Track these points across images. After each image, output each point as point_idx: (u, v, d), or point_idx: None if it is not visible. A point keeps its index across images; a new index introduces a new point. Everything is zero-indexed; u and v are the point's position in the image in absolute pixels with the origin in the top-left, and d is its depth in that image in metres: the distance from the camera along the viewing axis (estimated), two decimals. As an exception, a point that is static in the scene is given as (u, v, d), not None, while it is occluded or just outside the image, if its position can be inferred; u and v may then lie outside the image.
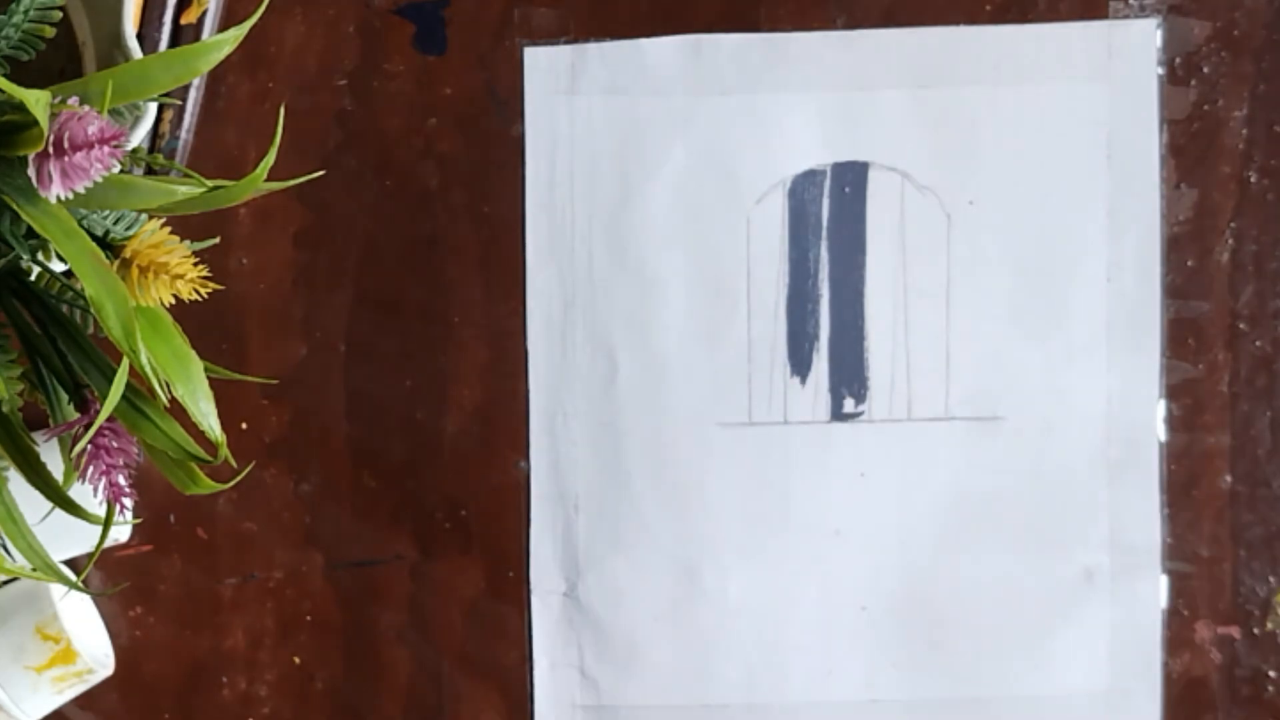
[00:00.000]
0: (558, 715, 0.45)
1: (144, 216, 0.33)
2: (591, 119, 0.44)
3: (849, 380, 0.44)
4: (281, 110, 0.44)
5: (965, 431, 0.44)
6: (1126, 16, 0.43)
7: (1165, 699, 0.44)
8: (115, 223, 0.33)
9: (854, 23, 0.44)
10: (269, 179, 0.29)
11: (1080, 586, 0.44)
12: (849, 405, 0.44)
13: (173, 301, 0.29)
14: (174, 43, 0.44)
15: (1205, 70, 0.43)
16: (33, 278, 0.33)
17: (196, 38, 0.44)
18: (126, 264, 0.28)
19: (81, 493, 0.31)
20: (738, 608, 0.44)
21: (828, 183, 0.44)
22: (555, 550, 0.45)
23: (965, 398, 0.44)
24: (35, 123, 0.26)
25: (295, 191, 0.45)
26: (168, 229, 0.29)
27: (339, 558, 0.46)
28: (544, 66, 0.44)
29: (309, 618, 0.46)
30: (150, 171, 0.43)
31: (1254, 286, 0.43)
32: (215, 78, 0.45)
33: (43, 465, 0.32)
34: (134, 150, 0.38)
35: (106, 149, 0.26)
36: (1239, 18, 0.43)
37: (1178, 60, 0.43)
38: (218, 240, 0.39)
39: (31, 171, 0.26)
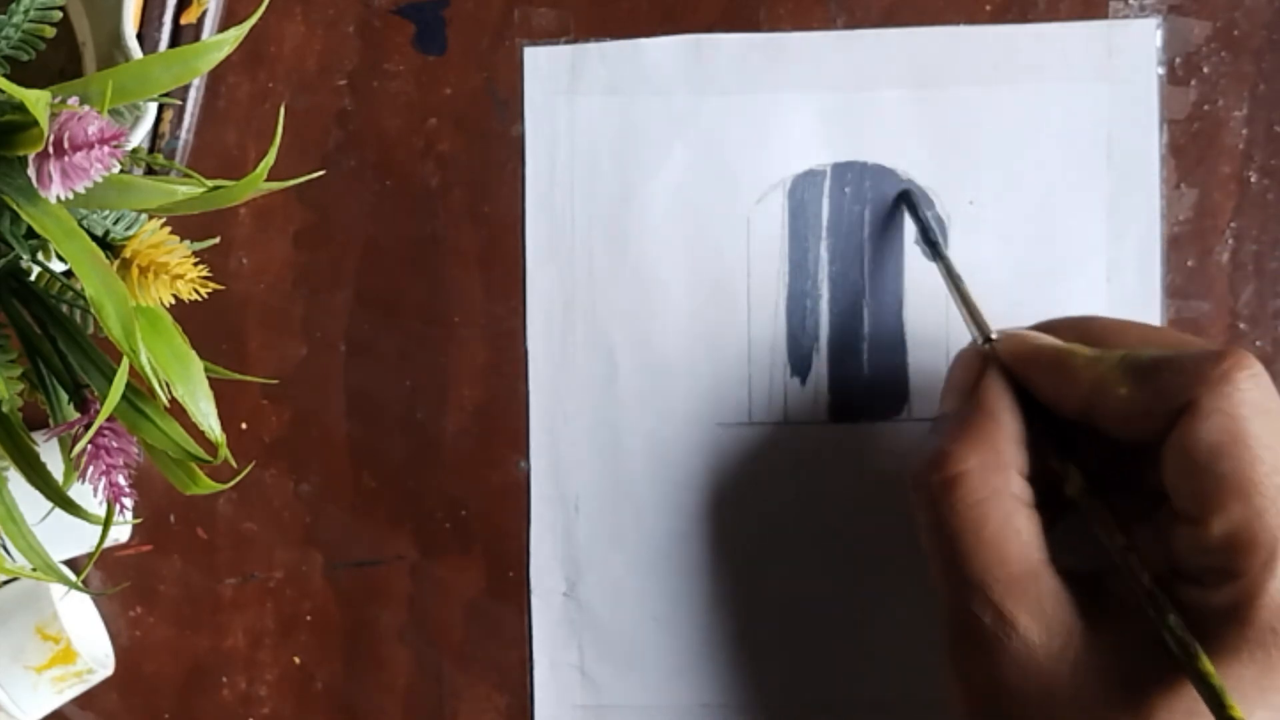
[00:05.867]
0: (558, 715, 0.45)
1: (144, 216, 0.33)
2: (591, 119, 0.44)
3: (849, 380, 0.44)
4: (281, 110, 0.44)
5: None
6: (1126, 16, 0.43)
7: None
8: (115, 223, 0.33)
9: (854, 23, 0.44)
10: (269, 179, 0.29)
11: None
12: (849, 405, 0.44)
13: (173, 301, 0.29)
14: (174, 43, 0.44)
15: (1205, 70, 0.43)
16: (33, 278, 0.33)
17: (196, 38, 0.44)
18: (126, 264, 0.28)
19: (81, 493, 0.31)
20: (738, 608, 0.44)
21: (828, 183, 0.44)
22: (555, 550, 0.45)
23: (965, 398, 0.43)
24: (35, 123, 0.26)
25: (295, 191, 0.45)
26: (168, 229, 0.29)
27: (339, 558, 0.46)
28: (544, 66, 0.44)
29: (309, 618, 0.46)
30: (150, 171, 0.43)
31: (1254, 286, 0.43)
32: (215, 78, 0.45)
33: (43, 465, 0.32)
34: (134, 150, 0.38)
35: (106, 149, 0.26)
36: (1239, 18, 0.43)
37: (1178, 60, 0.43)
38: (218, 240, 0.39)
39: (31, 171, 0.26)
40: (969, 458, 0.35)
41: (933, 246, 0.42)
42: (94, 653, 0.45)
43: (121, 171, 0.28)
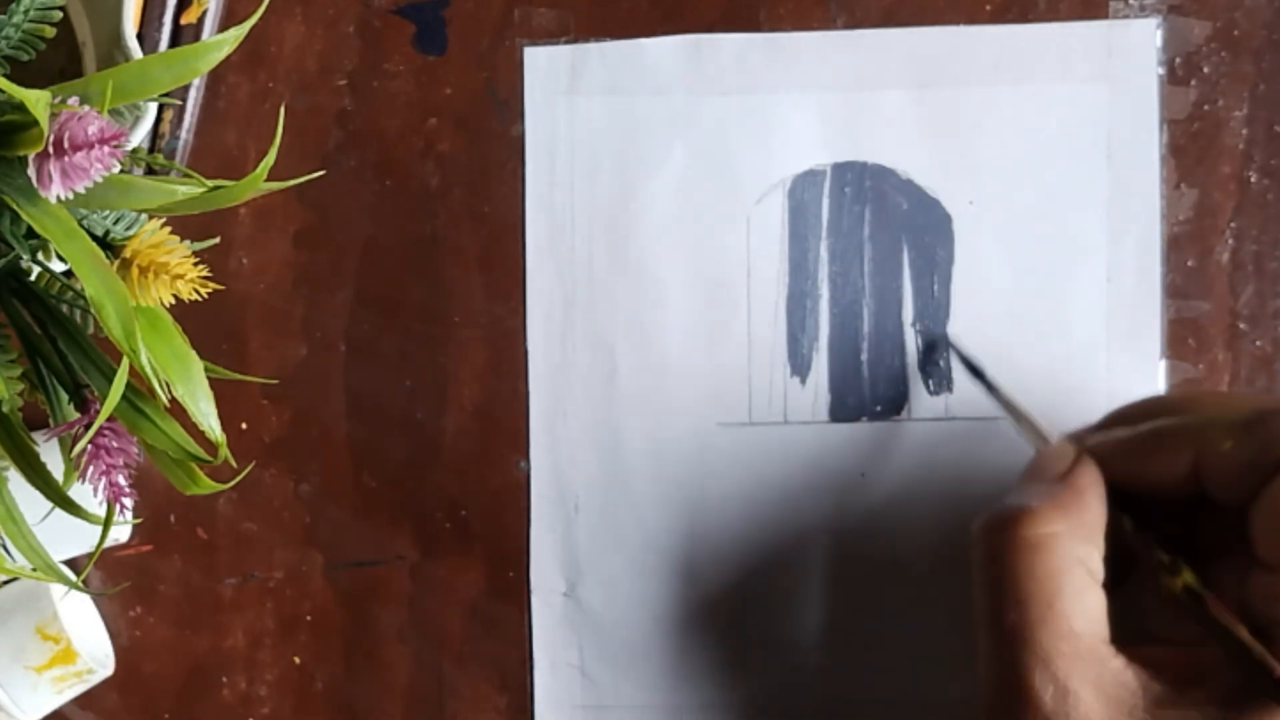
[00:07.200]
0: (558, 715, 0.45)
1: (144, 216, 0.33)
2: (591, 119, 0.44)
3: (849, 380, 0.44)
4: (282, 110, 0.44)
5: (965, 432, 0.44)
6: (1126, 16, 0.43)
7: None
8: (115, 223, 0.33)
9: (854, 23, 0.44)
10: (269, 179, 0.29)
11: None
12: (849, 405, 0.44)
13: (173, 301, 0.29)
14: (174, 43, 0.44)
15: (1205, 70, 0.43)
16: (33, 278, 0.33)
17: (196, 38, 0.44)
18: (126, 264, 0.28)
19: (81, 493, 0.31)
20: (738, 608, 0.44)
21: (828, 183, 0.44)
22: (555, 550, 0.45)
23: (965, 398, 0.44)
24: (35, 123, 0.26)
25: (295, 191, 0.45)
26: (168, 229, 0.29)
27: (339, 558, 0.46)
28: (544, 66, 0.44)
29: (309, 618, 0.46)
30: (150, 171, 0.43)
31: (1254, 286, 0.43)
32: (215, 78, 0.45)
33: (43, 465, 0.32)
34: (134, 150, 0.38)
35: (106, 149, 0.26)
36: (1239, 18, 0.43)
37: (1178, 60, 0.43)
38: (218, 240, 0.39)
39: (31, 171, 0.26)
40: (1057, 521, 0.34)
41: (984, 382, 0.42)
42: (94, 653, 0.45)
43: (121, 171, 0.28)
